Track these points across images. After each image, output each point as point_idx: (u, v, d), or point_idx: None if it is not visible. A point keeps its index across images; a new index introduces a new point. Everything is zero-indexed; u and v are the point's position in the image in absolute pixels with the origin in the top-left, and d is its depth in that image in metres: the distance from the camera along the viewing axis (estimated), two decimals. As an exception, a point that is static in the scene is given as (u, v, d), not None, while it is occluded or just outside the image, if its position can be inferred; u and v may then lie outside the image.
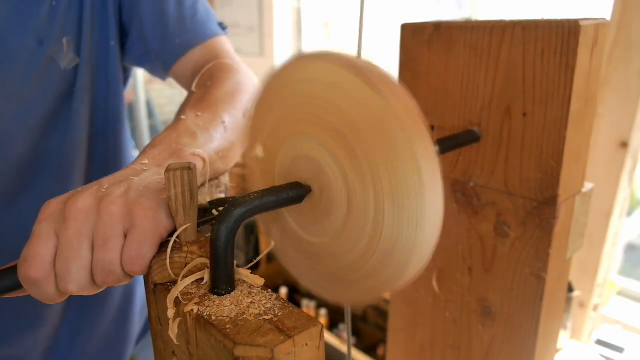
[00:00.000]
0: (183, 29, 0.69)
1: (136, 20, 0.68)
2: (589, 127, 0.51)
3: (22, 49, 0.58)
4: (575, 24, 0.44)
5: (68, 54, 0.62)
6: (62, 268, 0.36)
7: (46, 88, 0.61)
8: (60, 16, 0.60)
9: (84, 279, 0.37)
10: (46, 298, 0.37)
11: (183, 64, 0.70)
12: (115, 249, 0.36)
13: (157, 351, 0.40)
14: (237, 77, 0.63)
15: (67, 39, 0.61)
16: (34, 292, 0.37)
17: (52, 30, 0.60)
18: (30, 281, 0.36)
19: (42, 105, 0.61)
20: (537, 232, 0.50)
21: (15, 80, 0.58)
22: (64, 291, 0.37)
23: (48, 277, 0.36)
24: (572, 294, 1.30)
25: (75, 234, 0.36)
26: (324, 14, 2.58)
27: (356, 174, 0.33)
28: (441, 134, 0.56)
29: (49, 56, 0.60)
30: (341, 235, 0.36)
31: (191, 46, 0.69)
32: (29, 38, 0.58)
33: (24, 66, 0.58)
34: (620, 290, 1.56)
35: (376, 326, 2.20)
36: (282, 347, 0.28)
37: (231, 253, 0.34)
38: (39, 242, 0.36)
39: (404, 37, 0.57)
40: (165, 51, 0.69)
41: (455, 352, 0.62)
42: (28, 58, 0.58)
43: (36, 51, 0.59)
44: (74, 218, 0.36)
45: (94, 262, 0.37)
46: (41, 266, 0.35)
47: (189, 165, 0.36)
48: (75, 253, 0.36)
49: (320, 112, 0.35)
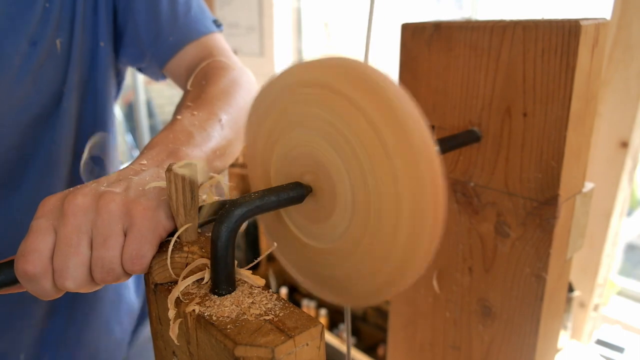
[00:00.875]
0: (176, 26, 0.69)
1: (130, 21, 0.68)
2: (589, 127, 0.51)
3: (15, 51, 0.58)
4: (575, 24, 0.44)
5: (61, 55, 0.62)
6: (60, 264, 0.36)
7: (38, 88, 0.61)
8: (53, 18, 0.60)
9: (82, 276, 0.36)
10: (42, 294, 0.37)
11: (177, 61, 0.69)
12: (116, 247, 0.36)
13: (157, 351, 0.40)
14: (232, 75, 0.63)
15: (61, 40, 0.61)
16: (30, 288, 0.37)
17: (45, 31, 0.60)
18: (27, 276, 0.35)
19: (34, 104, 0.62)
20: (537, 232, 0.50)
21: (8, 81, 0.58)
22: (61, 287, 0.37)
23: (45, 272, 0.36)
24: (572, 293, 1.30)
25: (74, 230, 0.36)
26: (324, 14, 2.58)
27: (357, 175, 0.33)
28: (441, 134, 0.56)
29: (42, 57, 0.60)
30: (341, 235, 0.36)
31: (184, 43, 0.69)
32: (22, 40, 0.58)
33: (17, 68, 0.58)
34: (620, 290, 1.56)
35: (376, 326, 2.20)
36: (283, 347, 0.28)
37: (232, 253, 0.34)
38: (37, 237, 0.36)
39: (404, 37, 0.57)
40: (159, 49, 0.69)
41: (455, 352, 0.62)
42: (21, 60, 0.58)
43: (29, 53, 0.59)
44: (72, 214, 0.36)
45: (93, 259, 0.36)
46: (39, 261, 0.35)
47: (189, 165, 0.36)
48: (74, 249, 0.36)
49: (323, 114, 0.35)
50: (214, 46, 0.70)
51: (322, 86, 0.34)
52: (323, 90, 0.34)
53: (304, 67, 0.36)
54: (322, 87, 0.34)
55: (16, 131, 0.61)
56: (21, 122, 0.61)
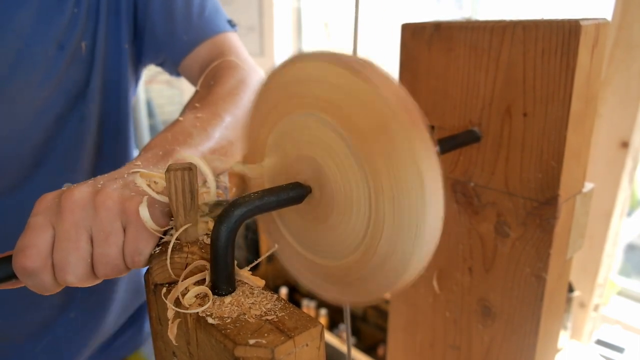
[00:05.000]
0: (190, 26, 0.70)
1: (148, 21, 0.70)
2: (590, 127, 0.51)
3: (43, 54, 0.60)
4: (576, 24, 0.44)
5: (86, 57, 0.64)
6: (61, 259, 0.36)
7: (63, 90, 0.63)
8: (80, 22, 0.62)
9: (83, 270, 0.37)
10: (42, 289, 0.37)
11: (191, 60, 0.71)
12: (118, 244, 0.37)
13: (157, 351, 0.40)
14: (241, 75, 0.64)
15: (85, 43, 0.63)
16: (29, 283, 0.37)
17: (72, 35, 0.62)
18: (25, 271, 0.36)
19: (58, 105, 0.63)
20: (537, 232, 0.50)
21: (35, 83, 0.60)
22: (62, 282, 0.37)
23: (44, 267, 0.36)
24: (573, 294, 1.30)
25: (73, 225, 0.36)
26: (324, 14, 2.58)
27: (356, 175, 0.33)
28: (441, 134, 0.56)
29: (68, 60, 0.62)
30: (341, 236, 0.36)
31: (198, 42, 0.70)
32: (51, 44, 0.60)
33: (44, 70, 0.60)
34: (621, 290, 1.56)
35: (376, 326, 2.20)
36: (283, 347, 0.28)
37: (231, 253, 0.34)
38: (35, 233, 0.36)
39: (404, 37, 0.57)
40: (174, 48, 0.71)
41: (455, 352, 0.62)
42: (48, 63, 0.60)
43: (56, 56, 0.61)
44: (70, 210, 0.36)
45: (95, 255, 0.37)
46: (37, 256, 0.36)
47: (189, 165, 0.36)
48: (73, 244, 0.36)
49: (321, 113, 0.35)
50: (226, 45, 0.71)
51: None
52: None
53: (303, 62, 0.36)
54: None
55: (37, 131, 0.62)
56: (42, 122, 0.62)
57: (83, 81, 0.65)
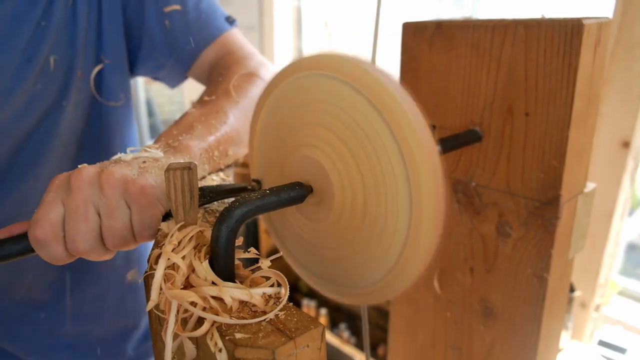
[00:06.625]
0: (190, 34, 0.71)
1: (145, 36, 0.70)
2: (592, 127, 0.51)
3: (10, 64, 0.60)
4: (578, 23, 0.44)
5: (56, 72, 0.63)
6: (71, 230, 0.40)
7: (33, 102, 0.63)
8: (49, 36, 0.62)
9: (93, 240, 0.41)
10: (54, 258, 0.41)
11: (198, 66, 0.72)
12: (122, 218, 0.41)
13: (157, 352, 0.40)
14: (247, 68, 0.66)
15: (55, 58, 0.63)
16: (42, 253, 0.41)
17: (39, 49, 0.62)
18: (38, 242, 0.40)
19: (28, 117, 0.63)
20: (539, 232, 0.50)
21: (3, 93, 0.60)
22: (73, 252, 0.41)
23: (55, 237, 0.40)
24: (574, 294, 1.30)
25: (82, 200, 0.40)
26: (324, 14, 2.58)
27: (357, 176, 0.33)
28: (442, 134, 0.56)
29: (36, 73, 0.62)
30: (341, 236, 0.36)
31: (201, 49, 0.71)
32: (17, 55, 0.60)
33: (12, 81, 0.60)
34: (622, 290, 1.55)
35: (376, 326, 2.19)
36: (283, 348, 0.28)
37: (232, 253, 0.33)
38: (47, 207, 0.40)
39: (405, 36, 0.57)
40: (179, 60, 0.72)
41: (456, 353, 0.62)
42: (16, 74, 0.61)
43: (24, 67, 0.61)
44: (78, 188, 0.41)
45: (103, 227, 0.41)
46: (49, 227, 0.40)
47: (189, 165, 0.36)
48: (83, 217, 0.40)
49: (324, 116, 0.34)
50: (230, 44, 0.72)
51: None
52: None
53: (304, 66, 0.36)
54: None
55: (9, 141, 0.63)
56: (10, 134, 0.63)
57: (54, 96, 0.64)
